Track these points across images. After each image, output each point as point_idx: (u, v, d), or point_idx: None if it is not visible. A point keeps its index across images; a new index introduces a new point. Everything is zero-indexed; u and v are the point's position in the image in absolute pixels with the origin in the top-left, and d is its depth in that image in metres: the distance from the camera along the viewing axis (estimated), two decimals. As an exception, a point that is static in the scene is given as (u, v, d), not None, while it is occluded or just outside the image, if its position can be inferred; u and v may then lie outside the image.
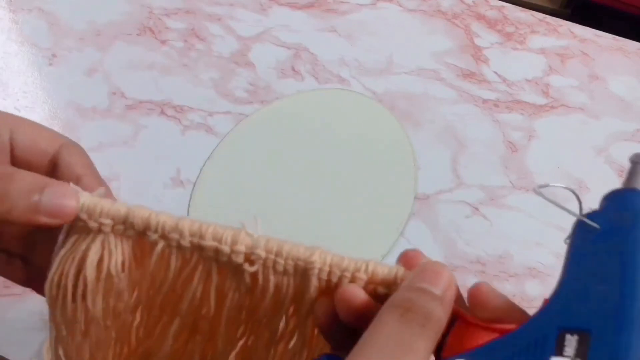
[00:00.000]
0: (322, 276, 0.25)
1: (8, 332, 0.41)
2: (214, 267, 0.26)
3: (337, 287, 0.25)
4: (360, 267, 0.25)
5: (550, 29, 0.64)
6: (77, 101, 0.55)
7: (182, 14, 0.64)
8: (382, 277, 0.25)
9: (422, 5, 0.66)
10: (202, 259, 0.26)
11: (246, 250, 0.25)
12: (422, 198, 0.50)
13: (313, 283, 0.25)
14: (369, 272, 0.25)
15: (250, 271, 0.25)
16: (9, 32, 0.61)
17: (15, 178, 0.24)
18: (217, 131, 0.53)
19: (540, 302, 0.47)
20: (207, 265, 0.26)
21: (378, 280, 0.25)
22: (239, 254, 0.25)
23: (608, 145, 0.54)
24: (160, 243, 0.26)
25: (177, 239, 0.25)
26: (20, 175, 0.24)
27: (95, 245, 0.25)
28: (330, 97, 0.57)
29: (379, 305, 0.23)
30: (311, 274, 0.25)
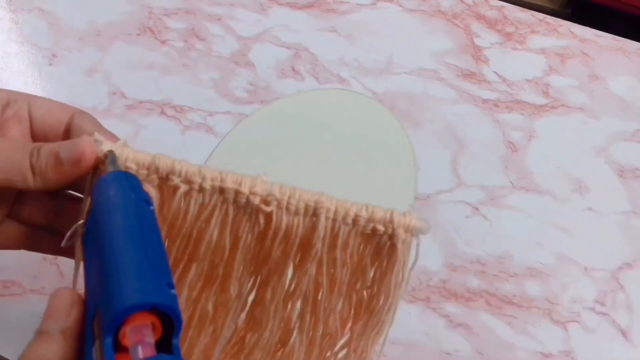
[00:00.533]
0: (329, 215, 0.28)
1: (8, 332, 0.41)
2: (231, 209, 0.28)
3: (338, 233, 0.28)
4: (362, 208, 0.29)
5: (550, 29, 0.64)
6: (77, 101, 0.55)
7: (182, 14, 0.64)
8: (380, 217, 0.28)
9: (422, 5, 0.66)
10: (219, 203, 0.28)
11: (263, 193, 0.28)
12: (422, 198, 0.50)
13: (322, 221, 0.28)
14: (369, 212, 0.28)
15: (267, 211, 0.27)
16: (9, 32, 0.61)
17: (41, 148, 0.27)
18: (217, 131, 0.53)
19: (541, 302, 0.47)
20: (224, 208, 0.28)
21: (377, 220, 0.28)
22: (257, 195, 0.27)
23: (608, 145, 0.54)
24: (182, 186, 0.28)
25: (199, 182, 0.28)
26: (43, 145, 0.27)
27: None
28: (330, 97, 0.57)
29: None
30: (320, 212, 0.28)
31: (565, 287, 0.45)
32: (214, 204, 0.28)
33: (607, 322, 0.43)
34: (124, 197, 0.24)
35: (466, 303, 0.44)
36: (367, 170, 0.51)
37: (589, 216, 0.49)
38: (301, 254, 0.29)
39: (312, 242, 0.28)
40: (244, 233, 0.28)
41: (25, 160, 0.26)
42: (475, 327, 0.43)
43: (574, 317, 0.43)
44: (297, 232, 0.28)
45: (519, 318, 0.43)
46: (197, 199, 0.28)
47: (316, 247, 0.28)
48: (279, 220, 0.28)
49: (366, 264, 0.29)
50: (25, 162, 0.26)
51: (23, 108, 0.29)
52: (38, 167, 0.26)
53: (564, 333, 0.43)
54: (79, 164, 0.27)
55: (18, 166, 0.26)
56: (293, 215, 0.28)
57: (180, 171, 0.28)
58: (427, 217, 0.49)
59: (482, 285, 0.45)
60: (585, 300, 0.44)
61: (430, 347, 0.42)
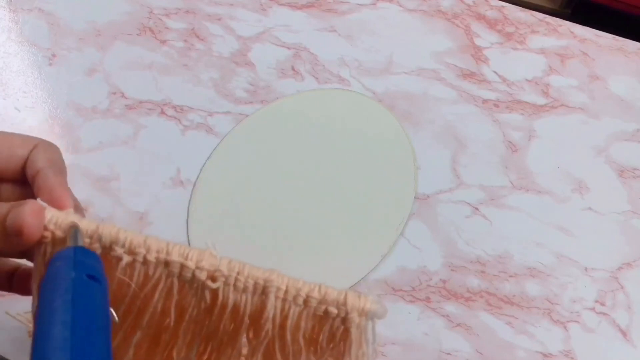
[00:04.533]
0: (279, 295, 0.27)
1: (8, 332, 0.41)
2: (177, 282, 0.27)
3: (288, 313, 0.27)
4: (314, 288, 0.27)
5: (550, 29, 0.64)
6: (77, 101, 0.55)
7: (182, 14, 0.64)
8: (332, 299, 0.27)
9: (422, 5, 0.66)
10: (164, 276, 0.27)
11: (210, 268, 0.27)
12: (422, 198, 0.50)
13: (271, 301, 0.27)
14: (322, 293, 0.27)
15: (213, 287, 0.27)
16: (9, 32, 0.61)
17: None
18: (217, 131, 0.53)
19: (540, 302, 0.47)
20: (169, 282, 0.27)
21: (329, 301, 0.27)
22: (203, 270, 0.27)
23: (608, 145, 0.54)
24: (125, 257, 0.27)
25: (143, 254, 0.26)
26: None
27: None
28: (330, 97, 0.57)
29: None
30: (269, 291, 0.27)
31: (565, 287, 0.45)
32: (158, 276, 0.27)
33: (607, 322, 0.43)
34: (62, 275, 0.24)
35: (466, 303, 0.44)
36: (367, 171, 0.51)
37: (589, 216, 0.49)
38: (253, 329, 0.28)
39: (261, 322, 0.27)
40: (189, 307, 0.28)
41: None
42: (475, 327, 0.43)
43: (574, 317, 0.43)
44: (245, 310, 0.27)
45: (519, 318, 0.43)
46: (140, 270, 0.27)
47: (266, 327, 0.27)
48: (226, 297, 0.27)
49: (321, 345, 0.28)
50: None
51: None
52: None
53: (564, 333, 0.43)
54: (20, 237, 0.25)
55: None
56: (241, 293, 0.27)
57: (124, 241, 0.27)
58: (427, 217, 0.49)
59: (482, 285, 0.45)
60: (585, 300, 0.44)
61: (430, 347, 0.42)
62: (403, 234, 0.47)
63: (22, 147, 0.28)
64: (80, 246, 0.26)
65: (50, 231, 0.26)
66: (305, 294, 0.27)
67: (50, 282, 0.24)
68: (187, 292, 0.27)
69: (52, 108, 0.55)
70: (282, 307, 0.27)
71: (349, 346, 0.28)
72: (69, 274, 0.24)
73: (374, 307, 0.27)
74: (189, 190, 0.49)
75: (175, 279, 0.27)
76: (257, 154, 0.52)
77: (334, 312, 0.27)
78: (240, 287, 0.27)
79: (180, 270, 0.27)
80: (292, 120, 0.55)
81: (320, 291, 0.27)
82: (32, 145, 0.28)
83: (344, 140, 0.53)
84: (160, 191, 0.49)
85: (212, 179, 0.50)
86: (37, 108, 0.55)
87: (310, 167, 0.51)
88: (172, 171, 0.50)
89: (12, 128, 0.53)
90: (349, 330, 0.27)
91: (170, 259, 0.27)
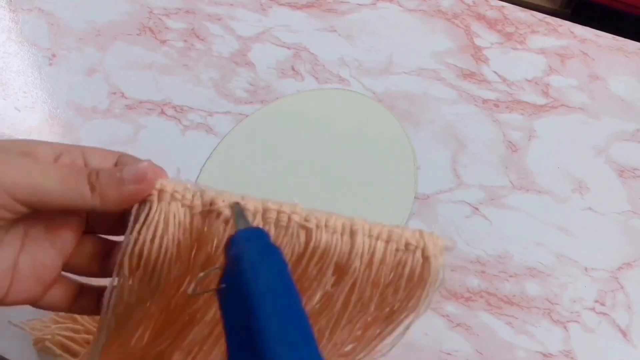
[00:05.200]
0: (365, 232, 0.29)
1: (8, 332, 0.41)
2: (273, 230, 0.29)
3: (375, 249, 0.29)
4: (393, 227, 0.30)
5: (550, 29, 0.64)
6: (77, 101, 0.55)
7: (182, 14, 0.64)
8: (410, 234, 0.30)
9: (422, 5, 0.66)
10: (261, 224, 0.29)
11: (302, 214, 0.29)
12: (422, 198, 0.50)
13: (360, 237, 0.29)
14: (401, 229, 0.30)
15: (309, 226, 0.29)
16: (9, 32, 0.61)
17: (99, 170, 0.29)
18: (217, 131, 0.53)
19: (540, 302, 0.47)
20: (265, 229, 0.29)
21: (408, 236, 0.30)
22: (297, 214, 0.29)
23: (608, 145, 0.54)
24: (225, 210, 0.29)
25: (243, 204, 0.29)
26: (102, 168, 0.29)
27: (172, 212, 0.29)
28: (330, 97, 0.57)
29: None
30: (357, 229, 0.29)
31: (565, 287, 0.45)
32: (257, 225, 0.29)
33: (607, 322, 0.43)
34: (270, 261, 0.25)
35: (466, 303, 0.44)
36: (367, 170, 0.51)
37: (589, 216, 0.49)
38: (337, 274, 0.30)
39: (349, 261, 0.29)
40: (285, 248, 0.29)
41: (83, 179, 0.28)
42: (475, 327, 0.43)
43: (574, 317, 0.43)
44: (335, 250, 0.29)
45: (519, 318, 0.43)
46: None
47: (354, 265, 0.29)
48: (319, 238, 0.29)
49: (400, 281, 0.30)
50: (84, 181, 0.28)
51: (78, 157, 0.31)
52: (98, 186, 0.28)
53: (564, 333, 0.43)
54: (140, 183, 0.28)
55: (76, 184, 0.27)
56: (332, 234, 0.29)
57: (223, 198, 0.29)
58: (427, 217, 0.49)
59: (482, 285, 0.45)
60: (585, 300, 0.44)
61: (430, 347, 0.42)
62: (403, 234, 0.47)
63: (111, 158, 0.31)
64: (257, 227, 0.28)
65: (157, 190, 0.29)
66: (388, 230, 0.29)
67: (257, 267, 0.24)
68: (282, 238, 0.29)
69: (52, 108, 0.55)
70: (369, 243, 0.29)
71: (425, 280, 0.30)
72: (274, 259, 0.25)
73: (445, 241, 0.30)
74: (189, 190, 0.49)
75: (272, 225, 0.29)
76: (257, 154, 0.52)
77: (413, 244, 0.29)
78: (331, 227, 0.29)
79: (277, 216, 0.29)
80: (292, 120, 0.55)
81: (398, 228, 0.30)
82: (117, 155, 0.32)
83: (344, 140, 0.53)
84: (160, 191, 0.49)
85: (212, 179, 0.50)
86: (37, 108, 0.55)
87: (310, 167, 0.51)
88: (172, 171, 0.50)
89: (12, 128, 0.53)
90: (429, 259, 0.29)
91: (267, 207, 0.29)
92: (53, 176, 0.27)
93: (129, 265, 0.29)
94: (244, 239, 0.26)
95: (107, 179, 0.28)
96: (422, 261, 0.29)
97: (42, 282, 0.30)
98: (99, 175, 0.28)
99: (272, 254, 0.26)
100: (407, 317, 0.31)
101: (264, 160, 0.52)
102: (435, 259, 0.29)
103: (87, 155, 0.31)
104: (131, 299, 0.30)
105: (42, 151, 0.29)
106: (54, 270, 0.30)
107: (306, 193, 0.49)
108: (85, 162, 0.31)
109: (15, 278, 0.29)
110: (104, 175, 0.28)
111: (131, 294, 0.30)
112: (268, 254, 0.25)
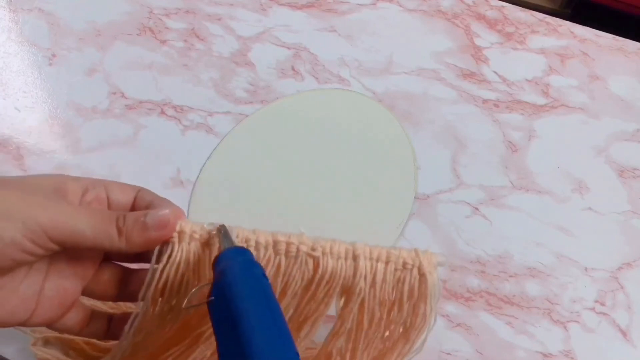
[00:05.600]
0: (366, 255, 0.32)
1: (8, 332, 0.41)
2: (283, 260, 0.32)
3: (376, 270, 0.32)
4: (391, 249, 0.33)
5: (550, 29, 0.64)
6: (77, 101, 0.55)
7: (182, 14, 0.64)
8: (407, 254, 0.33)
9: (422, 5, 0.66)
10: (272, 256, 0.32)
11: (309, 244, 0.32)
12: (422, 198, 0.50)
13: (362, 261, 0.32)
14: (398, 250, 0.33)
15: (315, 255, 0.32)
16: (9, 32, 0.61)
17: (126, 215, 0.31)
18: (217, 131, 0.53)
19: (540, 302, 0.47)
20: (277, 260, 0.32)
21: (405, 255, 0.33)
22: (304, 244, 0.32)
23: (608, 145, 0.54)
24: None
25: (255, 239, 0.32)
26: (128, 213, 0.32)
27: (192, 251, 0.31)
28: (330, 97, 0.57)
29: None
30: (359, 254, 0.32)
31: (565, 287, 0.45)
32: (268, 257, 0.32)
33: (607, 322, 0.43)
34: (250, 273, 0.28)
35: (466, 303, 0.44)
36: (367, 170, 0.51)
37: (589, 216, 0.49)
38: (345, 296, 0.33)
39: (355, 283, 0.32)
40: (293, 281, 0.32)
41: (112, 223, 0.30)
42: (475, 327, 0.43)
43: (574, 317, 0.43)
44: (340, 274, 0.32)
45: (519, 318, 0.43)
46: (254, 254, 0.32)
47: (359, 286, 0.32)
48: (325, 264, 0.32)
49: (402, 298, 0.33)
50: (112, 225, 0.30)
51: (102, 192, 0.33)
52: (125, 230, 0.30)
53: (564, 333, 0.43)
54: (163, 229, 0.31)
55: (106, 228, 0.30)
56: (336, 259, 0.32)
57: (237, 233, 0.32)
58: (427, 217, 0.49)
59: (482, 285, 0.45)
60: (585, 300, 0.44)
61: (430, 347, 0.42)
62: (403, 234, 0.47)
63: (131, 191, 0.34)
64: (240, 246, 0.31)
65: (177, 232, 0.31)
66: (386, 252, 0.32)
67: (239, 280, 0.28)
68: (292, 267, 0.32)
69: (52, 108, 0.55)
70: (370, 265, 0.32)
71: (425, 295, 0.33)
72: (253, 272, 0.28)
73: (438, 257, 0.33)
74: (189, 190, 0.49)
75: (283, 256, 0.32)
76: (257, 154, 0.52)
77: (410, 263, 0.32)
78: (335, 254, 0.32)
79: (287, 247, 0.32)
80: (292, 120, 0.55)
81: (395, 249, 0.33)
82: (137, 190, 0.34)
83: (344, 140, 0.53)
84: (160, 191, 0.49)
85: (212, 179, 0.50)
86: (37, 108, 0.55)
87: (310, 167, 0.51)
88: (172, 171, 0.50)
89: (12, 128, 0.53)
90: (425, 276, 0.32)
91: (277, 239, 0.32)
92: (86, 220, 0.30)
93: (152, 298, 0.32)
94: (228, 257, 0.29)
95: (132, 224, 0.30)
96: (419, 277, 0.33)
97: (62, 306, 0.32)
98: (126, 219, 0.31)
99: (252, 268, 0.29)
100: (421, 332, 0.34)
101: (264, 160, 0.52)
102: (431, 275, 0.33)
103: (109, 189, 0.33)
104: (153, 327, 0.32)
105: (72, 188, 0.32)
106: (75, 295, 0.33)
107: (306, 193, 0.49)
108: (107, 195, 0.33)
109: (40, 302, 0.31)
110: (130, 220, 0.31)
111: (153, 322, 0.32)
112: (249, 268, 0.28)
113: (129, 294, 0.34)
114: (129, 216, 0.31)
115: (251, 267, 0.29)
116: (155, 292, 0.32)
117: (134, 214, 0.31)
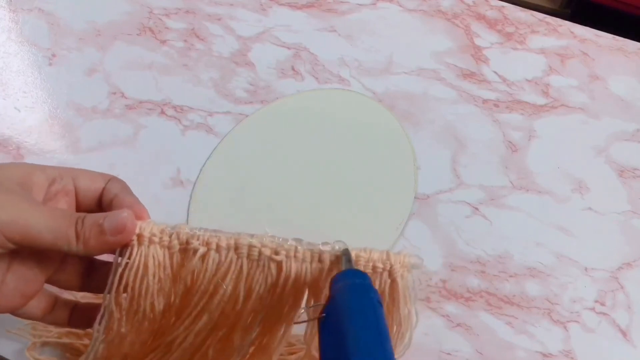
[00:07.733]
0: (332, 258, 0.31)
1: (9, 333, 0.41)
2: (245, 263, 0.31)
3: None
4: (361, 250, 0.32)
5: (550, 29, 0.64)
6: (77, 101, 0.55)
7: (182, 14, 0.64)
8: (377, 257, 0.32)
9: (422, 5, 0.66)
10: (234, 259, 0.31)
11: (272, 246, 0.31)
12: (422, 198, 0.50)
13: (327, 265, 0.31)
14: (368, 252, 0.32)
15: (277, 259, 0.31)
16: (9, 32, 0.61)
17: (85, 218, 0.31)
18: (217, 131, 0.53)
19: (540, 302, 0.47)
20: (239, 264, 0.31)
21: (375, 259, 0.32)
22: (267, 247, 0.31)
23: (608, 145, 0.54)
24: (201, 249, 0.31)
25: (216, 242, 0.31)
26: (87, 215, 0.31)
27: (151, 255, 0.31)
28: (330, 97, 0.57)
29: None
30: (325, 257, 0.31)
31: (565, 287, 0.45)
32: (230, 260, 0.31)
33: (607, 322, 0.43)
34: (366, 298, 0.28)
35: (466, 303, 0.44)
36: (367, 170, 0.51)
37: (589, 216, 0.49)
38: (314, 299, 0.32)
39: (320, 286, 0.31)
40: (257, 285, 0.32)
41: (71, 226, 0.30)
42: (475, 327, 0.43)
43: (574, 317, 0.43)
44: (305, 277, 0.31)
45: (519, 318, 0.43)
46: (214, 258, 0.32)
47: (325, 290, 0.31)
48: (289, 268, 0.31)
49: None
50: (72, 229, 0.30)
51: (69, 183, 0.33)
52: (83, 234, 0.30)
53: (564, 333, 0.43)
54: (121, 234, 0.30)
55: (64, 233, 0.30)
56: (301, 263, 0.31)
57: (199, 236, 0.31)
58: (427, 217, 0.49)
59: (482, 285, 0.45)
60: (585, 300, 0.44)
61: (430, 347, 0.42)
62: (403, 234, 0.47)
63: (100, 181, 0.34)
64: (359, 270, 0.30)
65: (137, 235, 0.31)
66: (355, 255, 0.31)
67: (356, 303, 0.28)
68: (255, 270, 0.31)
69: (52, 108, 0.55)
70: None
71: (398, 299, 0.32)
72: (370, 297, 0.28)
73: (412, 259, 0.32)
74: (189, 190, 0.49)
75: (245, 259, 0.31)
76: (257, 154, 0.52)
77: (380, 266, 0.31)
78: (299, 257, 0.31)
79: (249, 251, 0.31)
80: (292, 121, 0.55)
81: (366, 251, 0.32)
82: (107, 179, 0.34)
83: (344, 140, 0.53)
84: (160, 191, 0.49)
85: (212, 179, 0.50)
86: (37, 108, 0.55)
87: (310, 167, 0.51)
88: (172, 171, 0.50)
89: (12, 128, 0.53)
90: (395, 280, 0.31)
91: (239, 242, 0.31)
92: (44, 222, 0.29)
93: (115, 301, 0.31)
94: (346, 277, 0.29)
95: (90, 228, 0.30)
96: (390, 282, 0.32)
97: (25, 296, 0.32)
98: (84, 223, 0.30)
99: (369, 292, 0.28)
100: (405, 331, 0.33)
101: (264, 160, 0.52)
102: (402, 279, 0.31)
103: (77, 180, 0.33)
104: (121, 328, 0.32)
105: (37, 181, 0.32)
106: (38, 285, 0.33)
107: (306, 193, 0.49)
108: (75, 185, 0.33)
109: (2, 292, 0.31)
110: (88, 223, 0.30)
111: (120, 324, 0.32)
112: (365, 292, 0.28)
113: (94, 286, 0.34)
114: (88, 219, 0.30)
115: (368, 292, 0.28)
116: (118, 295, 0.31)
117: (93, 217, 0.30)
